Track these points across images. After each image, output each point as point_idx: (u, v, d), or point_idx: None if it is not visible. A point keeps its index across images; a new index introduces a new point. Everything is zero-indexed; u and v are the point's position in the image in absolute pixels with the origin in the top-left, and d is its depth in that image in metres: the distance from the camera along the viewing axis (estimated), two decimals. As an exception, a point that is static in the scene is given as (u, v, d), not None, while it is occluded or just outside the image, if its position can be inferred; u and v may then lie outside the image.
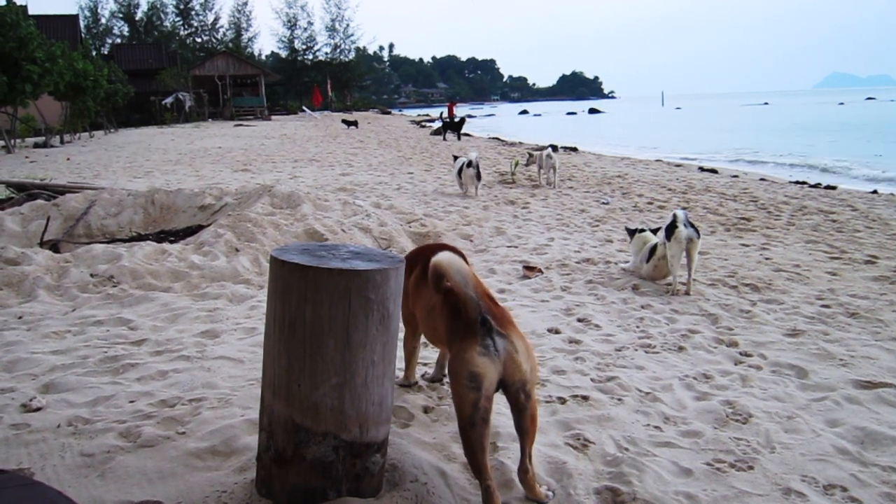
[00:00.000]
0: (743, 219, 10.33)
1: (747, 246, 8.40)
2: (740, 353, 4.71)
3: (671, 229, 6.24)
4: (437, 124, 41.00)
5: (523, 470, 2.90)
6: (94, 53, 44.71)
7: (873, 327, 5.26)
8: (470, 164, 12.90)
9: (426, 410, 3.71)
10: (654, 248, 6.58)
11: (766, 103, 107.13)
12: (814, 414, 3.75)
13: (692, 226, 6.26)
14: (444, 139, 31.10)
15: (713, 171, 18.52)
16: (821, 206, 11.49)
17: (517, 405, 2.82)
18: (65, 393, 3.83)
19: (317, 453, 2.59)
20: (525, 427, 2.85)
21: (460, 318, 2.84)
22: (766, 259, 7.62)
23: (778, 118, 58.91)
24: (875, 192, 14.03)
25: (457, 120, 33.81)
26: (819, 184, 15.22)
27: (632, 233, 7.14)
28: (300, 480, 2.62)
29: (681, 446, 3.36)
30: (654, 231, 6.93)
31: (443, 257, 2.85)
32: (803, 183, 15.53)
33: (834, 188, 14.46)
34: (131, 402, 3.70)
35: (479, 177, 12.89)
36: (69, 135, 32.52)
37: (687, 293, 6.18)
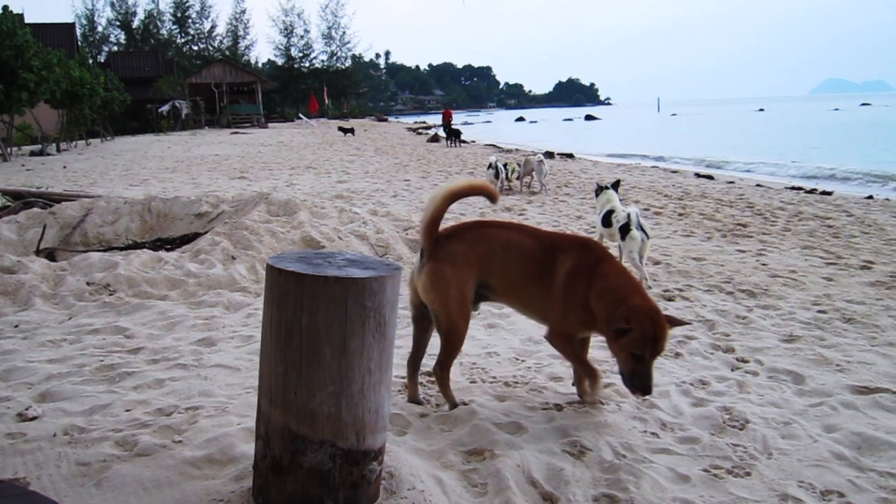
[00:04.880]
0: (739, 224, 10.36)
1: (743, 252, 8.41)
2: (737, 359, 4.71)
3: (624, 230, 6.89)
4: (434, 132, 41.55)
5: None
6: (90, 61, 44.60)
7: (869, 332, 5.27)
8: (490, 165, 14.99)
9: (423, 417, 3.70)
10: (610, 212, 7.37)
11: (761, 109, 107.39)
12: (811, 419, 3.75)
13: (642, 228, 6.81)
14: (448, 145, 32.12)
15: (709, 177, 18.57)
16: (816, 212, 11.52)
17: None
18: (61, 402, 3.82)
19: (314, 461, 2.59)
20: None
21: None
22: (763, 265, 7.63)
23: (773, 124, 59.04)
24: (870, 197, 14.07)
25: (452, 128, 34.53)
26: (815, 189, 15.27)
27: (599, 190, 8.12)
28: (297, 489, 2.61)
29: (678, 453, 3.36)
30: (615, 185, 8.22)
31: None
32: (799, 188, 15.57)
33: (829, 193, 14.51)
34: (127, 410, 3.69)
35: (496, 176, 14.73)
36: (65, 143, 32.51)
37: (648, 287, 6.41)
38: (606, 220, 7.40)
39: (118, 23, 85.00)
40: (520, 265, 3.69)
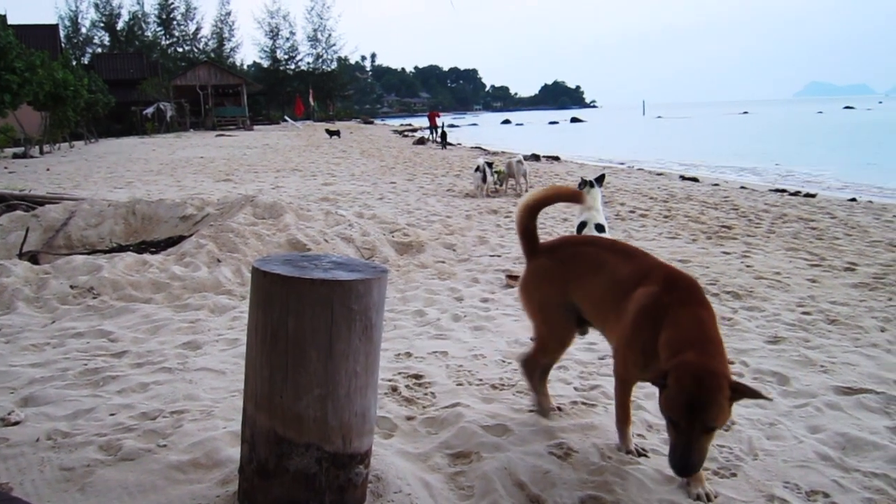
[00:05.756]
0: (724, 227, 10.41)
1: (728, 254, 8.46)
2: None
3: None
4: (420, 134, 42.15)
5: None
6: (74, 63, 44.38)
7: (853, 334, 5.31)
8: (477, 168, 14.76)
9: (409, 420, 3.69)
10: (583, 225, 7.46)
11: (745, 112, 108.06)
12: (795, 420, 3.77)
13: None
14: (443, 147, 32.74)
15: (694, 179, 18.66)
16: (801, 214, 11.60)
17: None
18: (44, 406, 3.78)
19: (300, 465, 2.57)
20: None
21: None
22: (747, 266, 7.67)
23: (757, 127, 59.44)
24: (854, 199, 14.19)
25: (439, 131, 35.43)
26: (799, 192, 15.37)
27: (582, 185, 8.01)
28: (283, 493, 2.60)
29: (664, 454, 3.36)
30: (599, 179, 8.16)
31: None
32: (783, 191, 15.67)
33: (813, 196, 14.61)
34: (112, 414, 3.66)
35: (484, 179, 14.61)
36: (49, 145, 32.28)
37: None
38: (579, 232, 7.39)
39: (102, 24, 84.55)
40: (606, 291, 3.30)
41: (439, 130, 35.56)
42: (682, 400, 2.68)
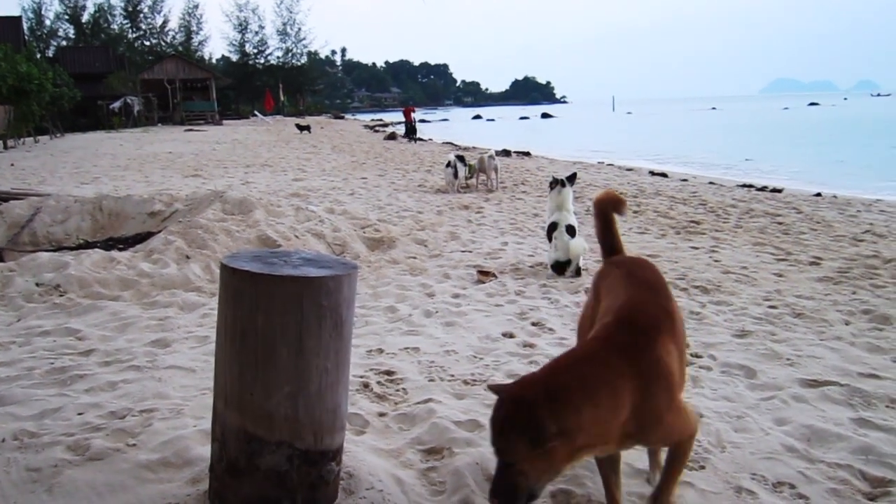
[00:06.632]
0: (692, 222, 10.52)
1: (697, 248, 8.55)
2: (691, 355, 4.77)
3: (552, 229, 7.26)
4: (391, 129, 42.32)
5: None
6: (38, 56, 43.64)
7: (818, 327, 5.39)
8: (448, 164, 14.69)
9: (381, 416, 3.69)
10: (553, 226, 7.27)
11: (713, 108, 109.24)
12: (762, 413, 3.83)
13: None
14: (412, 141, 33.45)
15: (663, 174, 18.80)
16: (767, 209, 11.75)
17: None
18: (10, 406, 3.72)
19: (271, 463, 2.56)
20: None
21: None
22: (715, 261, 7.76)
23: (725, 123, 60.11)
24: (818, 194, 14.39)
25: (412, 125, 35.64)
26: (766, 187, 15.55)
27: (553, 184, 7.73)
28: (254, 491, 2.59)
29: (634, 448, 3.40)
30: (571, 178, 7.79)
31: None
32: (750, 186, 15.85)
33: (780, 191, 14.79)
34: (80, 414, 3.61)
35: (455, 175, 14.51)
36: (13, 140, 31.68)
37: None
38: (549, 234, 7.33)
39: (67, 17, 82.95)
40: (601, 316, 2.90)
41: (412, 125, 35.63)
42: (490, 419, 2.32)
